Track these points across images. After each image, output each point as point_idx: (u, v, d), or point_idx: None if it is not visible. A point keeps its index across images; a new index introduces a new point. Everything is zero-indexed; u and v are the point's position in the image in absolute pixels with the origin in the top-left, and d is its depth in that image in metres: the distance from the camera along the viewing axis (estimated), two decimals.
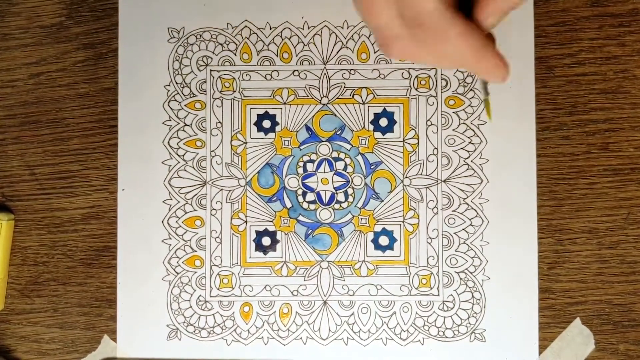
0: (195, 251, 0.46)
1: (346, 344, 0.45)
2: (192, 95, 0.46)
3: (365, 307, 0.45)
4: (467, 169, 0.45)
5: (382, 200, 0.46)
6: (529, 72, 0.45)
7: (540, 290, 0.45)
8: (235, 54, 0.46)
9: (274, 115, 0.46)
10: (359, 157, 0.46)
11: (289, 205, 0.46)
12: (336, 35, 0.46)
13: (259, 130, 0.46)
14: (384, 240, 0.45)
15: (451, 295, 0.45)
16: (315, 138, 0.46)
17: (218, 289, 0.45)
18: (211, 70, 0.46)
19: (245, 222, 0.46)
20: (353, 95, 0.46)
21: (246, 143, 0.46)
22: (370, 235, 0.46)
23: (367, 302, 0.45)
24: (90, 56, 0.45)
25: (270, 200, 0.46)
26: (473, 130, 0.45)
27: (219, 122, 0.46)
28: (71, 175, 0.46)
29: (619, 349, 0.45)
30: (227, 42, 0.46)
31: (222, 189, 0.46)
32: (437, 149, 0.46)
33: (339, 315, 0.45)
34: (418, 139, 0.46)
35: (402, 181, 0.46)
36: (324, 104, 0.46)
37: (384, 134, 0.46)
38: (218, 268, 0.46)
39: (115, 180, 0.46)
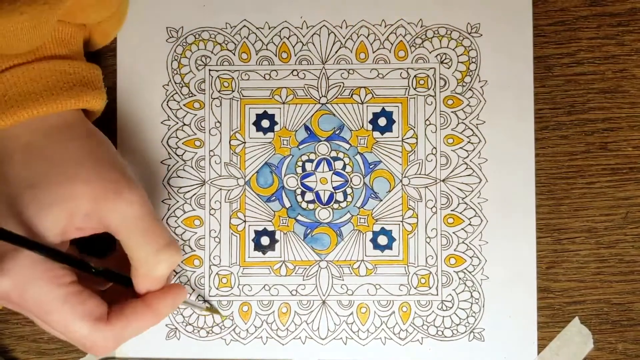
0: (194, 251, 0.46)
1: (345, 344, 0.45)
2: (190, 95, 0.46)
3: (364, 307, 0.45)
4: (466, 168, 0.45)
5: (381, 200, 0.46)
6: (527, 71, 0.45)
7: (538, 289, 0.45)
8: (234, 54, 0.46)
9: (273, 115, 0.46)
10: (358, 157, 0.46)
11: (287, 204, 0.46)
12: (335, 35, 0.46)
13: (257, 130, 0.46)
14: (382, 240, 0.45)
15: (450, 294, 0.45)
16: (314, 138, 0.46)
17: (217, 289, 0.46)
18: (210, 70, 0.46)
19: (244, 221, 0.46)
20: (352, 94, 0.46)
21: (245, 143, 0.46)
22: (369, 235, 0.46)
23: (366, 302, 0.45)
24: (88, 56, 0.45)
25: (269, 199, 0.46)
26: (472, 130, 0.45)
27: (218, 121, 0.46)
28: None
29: (618, 348, 0.45)
30: (226, 42, 0.46)
31: (221, 189, 0.46)
32: (435, 148, 0.46)
33: (338, 314, 0.45)
34: (417, 139, 0.46)
35: (401, 181, 0.46)
36: (322, 104, 0.46)
37: (382, 134, 0.46)
38: (217, 268, 0.46)
39: None
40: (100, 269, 0.39)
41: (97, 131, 0.41)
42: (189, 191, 0.46)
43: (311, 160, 0.46)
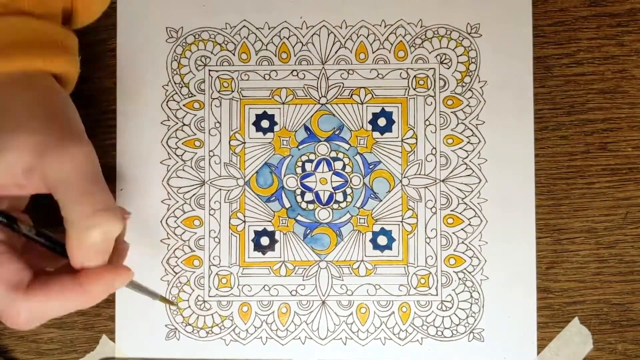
0: (194, 251, 0.46)
1: (345, 344, 0.45)
2: (190, 95, 0.46)
3: (363, 307, 0.45)
4: (466, 168, 0.45)
5: (381, 200, 0.46)
6: (527, 71, 0.45)
7: (538, 289, 0.45)
8: (233, 54, 0.46)
9: (273, 115, 0.46)
10: (358, 157, 0.46)
11: (287, 205, 0.46)
12: (335, 35, 0.46)
13: (257, 130, 0.46)
14: (382, 240, 0.45)
15: (450, 295, 0.45)
16: (313, 138, 0.46)
17: (217, 289, 0.46)
18: (210, 70, 0.46)
19: (244, 222, 0.46)
20: (351, 95, 0.46)
21: (245, 143, 0.46)
22: (369, 235, 0.46)
23: (365, 302, 0.45)
24: (88, 56, 0.45)
25: (268, 200, 0.46)
26: (471, 130, 0.45)
27: (218, 122, 0.46)
28: None
29: (617, 349, 0.45)
30: (226, 42, 0.46)
31: (220, 189, 0.46)
32: (435, 148, 0.46)
33: (338, 315, 0.45)
34: (417, 139, 0.46)
35: (401, 181, 0.46)
36: (322, 104, 0.46)
37: (382, 134, 0.46)
38: (217, 268, 0.46)
39: (113, 180, 0.46)
40: (30, 231, 0.35)
41: (58, 86, 0.38)
42: (188, 191, 0.46)
43: (311, 161, 0.46)
